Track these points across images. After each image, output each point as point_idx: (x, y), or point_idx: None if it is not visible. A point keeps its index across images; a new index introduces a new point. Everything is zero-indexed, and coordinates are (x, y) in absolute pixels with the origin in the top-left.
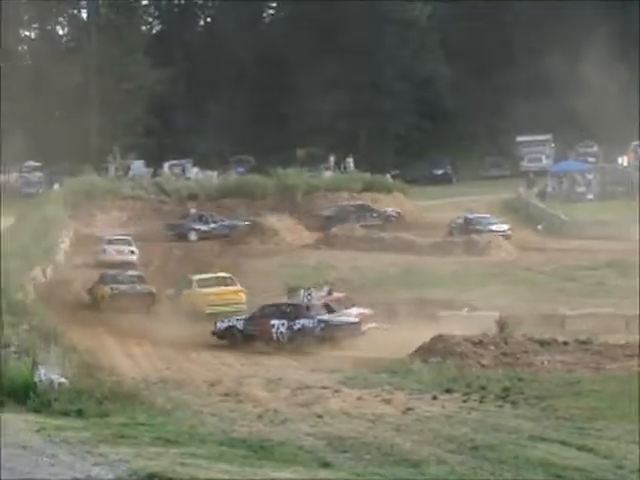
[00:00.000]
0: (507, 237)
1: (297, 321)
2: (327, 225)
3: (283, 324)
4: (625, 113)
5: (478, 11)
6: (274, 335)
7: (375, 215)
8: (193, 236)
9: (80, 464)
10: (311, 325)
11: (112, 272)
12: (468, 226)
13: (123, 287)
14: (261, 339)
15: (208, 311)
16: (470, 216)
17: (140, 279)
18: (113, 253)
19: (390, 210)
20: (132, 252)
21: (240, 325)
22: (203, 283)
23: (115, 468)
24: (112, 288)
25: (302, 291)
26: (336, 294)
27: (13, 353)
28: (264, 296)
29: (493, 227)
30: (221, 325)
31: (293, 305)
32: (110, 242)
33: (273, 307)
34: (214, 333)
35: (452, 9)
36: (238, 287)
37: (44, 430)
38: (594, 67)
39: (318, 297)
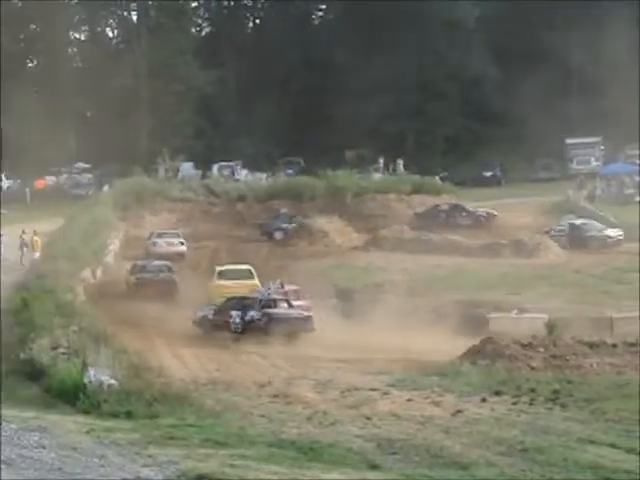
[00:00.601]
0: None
1: (248, 313)
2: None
3: (238, 315)
4: None
5: (526, 11)
6: (232, 326)
7: (465, 215)
8: (279, 235)
9: (129, 465)
10: (257, 317)
11: (141, 262)
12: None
13: (147, 275)
14: (223, 329)
15: (218, 301)
16: (576, 222)
17: (167, 269)
18: (163, 245)
19: (481, 211)
20: (181, 243)
21: (210, 315)
22: (223, 275)
23: (164, 469)
24: (137, 277)
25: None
26: (288, 287)
27: (62, 354)
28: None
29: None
30: (198, 314)
31: (249, 298)
32: (160, 235)
33: (234, 299)
34: (193, 322)
35: (500, 10)
36: (255, 281)
37: (93, 431)
38: None
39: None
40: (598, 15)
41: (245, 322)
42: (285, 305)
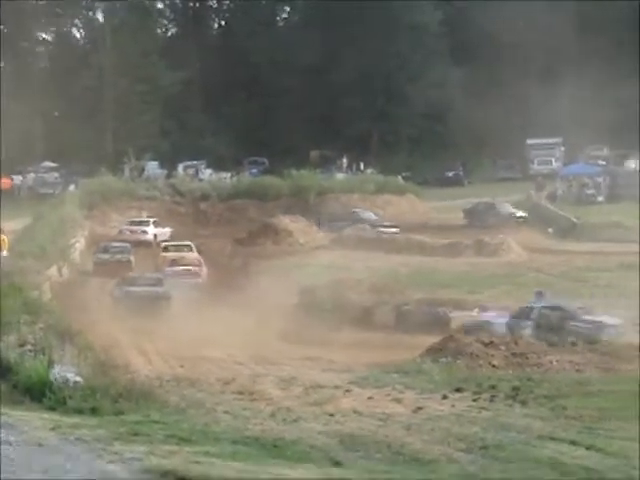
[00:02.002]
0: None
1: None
2: None
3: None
4: (635, 117)
5: (489, 15)
6: None
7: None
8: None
9: (95, 462)
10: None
11: (103, 244)
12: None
13: (105, 256)
14: None
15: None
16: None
17: (126, 250)
18: (128, 233)
19: (512, 210)
20: (144, 232)
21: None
22: (167, 249)
23: (129, 466)
24: (98, 258)
25: None
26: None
27: (29, 352)
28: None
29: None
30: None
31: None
32: (132, 223)
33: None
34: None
35: (463, 12)
36: (195, 254)
37: (59, 428)
38: (605, 70)
39: None
40: (561, 17)
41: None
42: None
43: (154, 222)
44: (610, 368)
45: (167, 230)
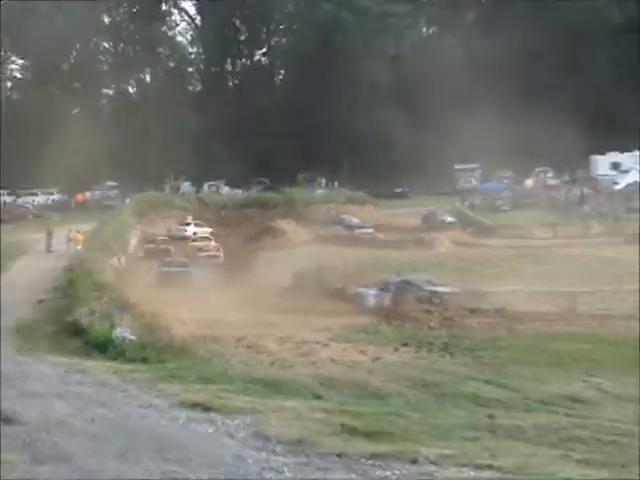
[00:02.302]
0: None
1: None
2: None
3: None
4: (532, 147)
5: (429, 67)
6: None
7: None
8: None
9: (144, 396)
10: None
11: (151, 238)
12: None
13: (152, 246)
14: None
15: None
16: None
17: (166, 242)
18: (174, 230)
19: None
20: (185, 230)
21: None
22: (194, 240)
23: (169, 399)
24: (147, 248)
25: None
26: None
27: (97, 318)
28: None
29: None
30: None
31: None
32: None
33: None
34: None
35: (411, 70)
36: (214, 243)
37: (119, 372)
38: (510, 109)
39: None
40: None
41: None
42: None
43: (195, 223)
44: (513, 329)
45: (207, 229)
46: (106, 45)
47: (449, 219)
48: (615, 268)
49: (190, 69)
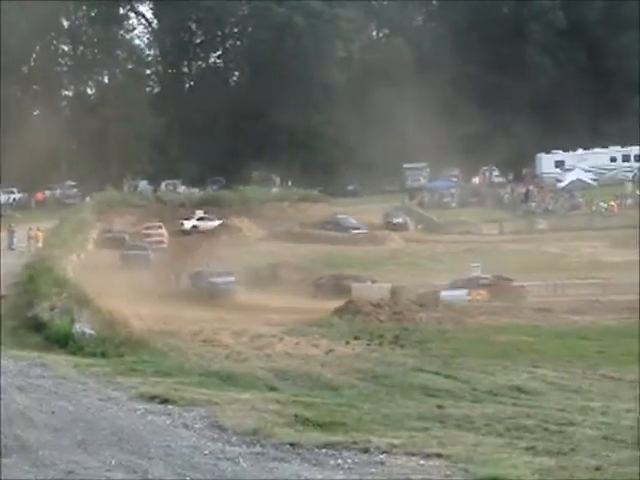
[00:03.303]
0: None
1: None
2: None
3: None
4: (478, 146)
5: (379, 72)
6: None
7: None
8: None
9: (103, 389)
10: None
11: (108, 228)
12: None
13: (109, 235)
14: None
15: None
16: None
17: (122, 232)
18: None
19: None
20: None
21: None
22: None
23: (128, 392)
24: (105, 237)
25: None
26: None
27: (57, 314)
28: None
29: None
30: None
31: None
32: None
33: None
34: None
35: (365, 73)
36: (164, 231)
37: (79, 366)
38: (459, 112)
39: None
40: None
41: None
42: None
43: (207, 217)
44: (461, 322)
45: (217, 222)
46: (65, 48)
47: (399, 220)
48: (559, 262)
49: (147, 71)
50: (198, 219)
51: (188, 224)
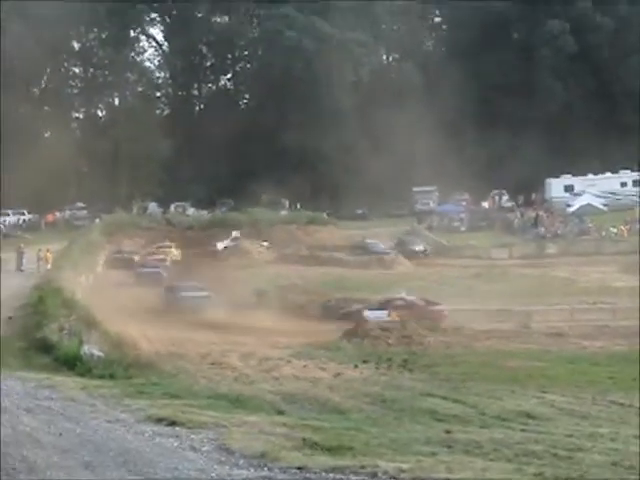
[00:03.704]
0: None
1: None
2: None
3: None
4: (488, 170)
5: (386, 100)
6: None
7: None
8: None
9: (111, 412)
10: None
11: (118, 249)
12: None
13: (118, 255)
14: None
15: None
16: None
17: (132, 252)
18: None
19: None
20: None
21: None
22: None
23: (136, 414)
24: (115, 257)
25: None
26: None
27: (66, 335)
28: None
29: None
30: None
31: None
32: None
33: None
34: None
35: (369, 98)
36: (172, 250)
37: (87, 388)
38: (466, 134)
39: None
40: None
41: None
42: None
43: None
44: (469, 346)
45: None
46: (76, 70)
47: (421, 247)
48: (568, 287)
49: (158, 93)
50: (232, 239)
51: (221, 245)
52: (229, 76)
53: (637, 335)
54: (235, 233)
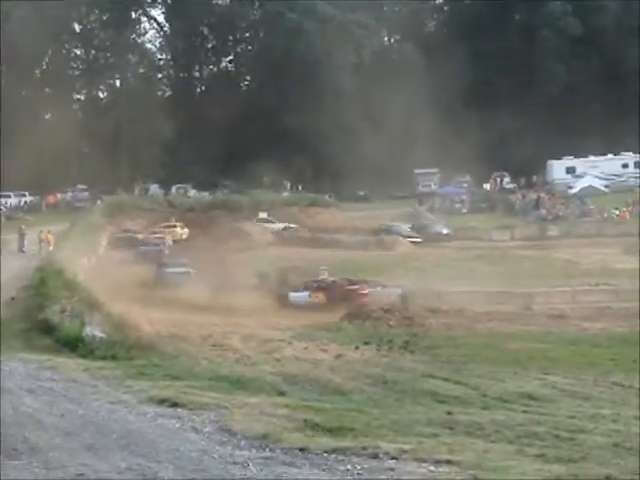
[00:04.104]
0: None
1: None
2: None
3: None
4: (489, 152)
5: (390, 81)
6: None
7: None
8: None
9: (113, 393)
10: None
11: (123, 228)
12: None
13: (121, 235)
14: None
15: None
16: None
17: (132, 231)
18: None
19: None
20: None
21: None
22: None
23: (138, 395)
24: (117, 237)
25: None
26: None
27: (68, 316)
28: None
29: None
30: None
31: None
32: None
33: None
34: None
35: (372, 79)
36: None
37: (89, 369)
38: (468, 116)
39: None
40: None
41: None
42: None
43: (269, 220)
44: (470, 328)
45: (279, 225)
46: (77, 51)
47: (445, 230)
48: (570, 269)
49: (159, 75)
50: (258, 221)
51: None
52: (230, 58)
53: (638, 317)
54: (262, 214)
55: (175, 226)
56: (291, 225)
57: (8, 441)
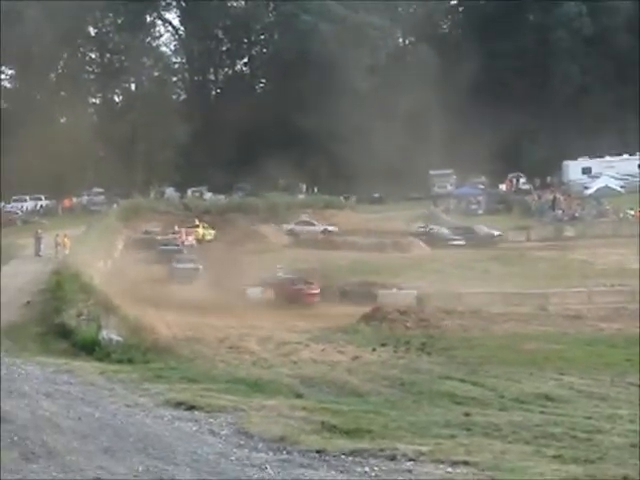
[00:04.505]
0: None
1: None
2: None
3: None
4: (505, 153)
5: (403, 83)
6: None
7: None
8: None
9: (130, 396)
10: None
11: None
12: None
13: (138, 236)
14: None
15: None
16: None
17: (153, 232)
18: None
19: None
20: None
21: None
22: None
23: (154, 398)
24: (135, 238)
25: None
26: None
27: (84, 320)
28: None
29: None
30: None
31: None
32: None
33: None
34: None
35: (387, 79)
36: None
37: (105, 373)
38: (483, 117)
39: None
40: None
41: None
42: None
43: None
44: (486, 329)
45: (319, 227)
46: (92, 55)
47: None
48: (586, 270)
49: (174, 78)
50: (297, 223)
51: (287, 227)
52: (245, 60)
53: None
54: (304, 216)
55: (197, 226)
56: (329, 228)
57: (26, 444)
